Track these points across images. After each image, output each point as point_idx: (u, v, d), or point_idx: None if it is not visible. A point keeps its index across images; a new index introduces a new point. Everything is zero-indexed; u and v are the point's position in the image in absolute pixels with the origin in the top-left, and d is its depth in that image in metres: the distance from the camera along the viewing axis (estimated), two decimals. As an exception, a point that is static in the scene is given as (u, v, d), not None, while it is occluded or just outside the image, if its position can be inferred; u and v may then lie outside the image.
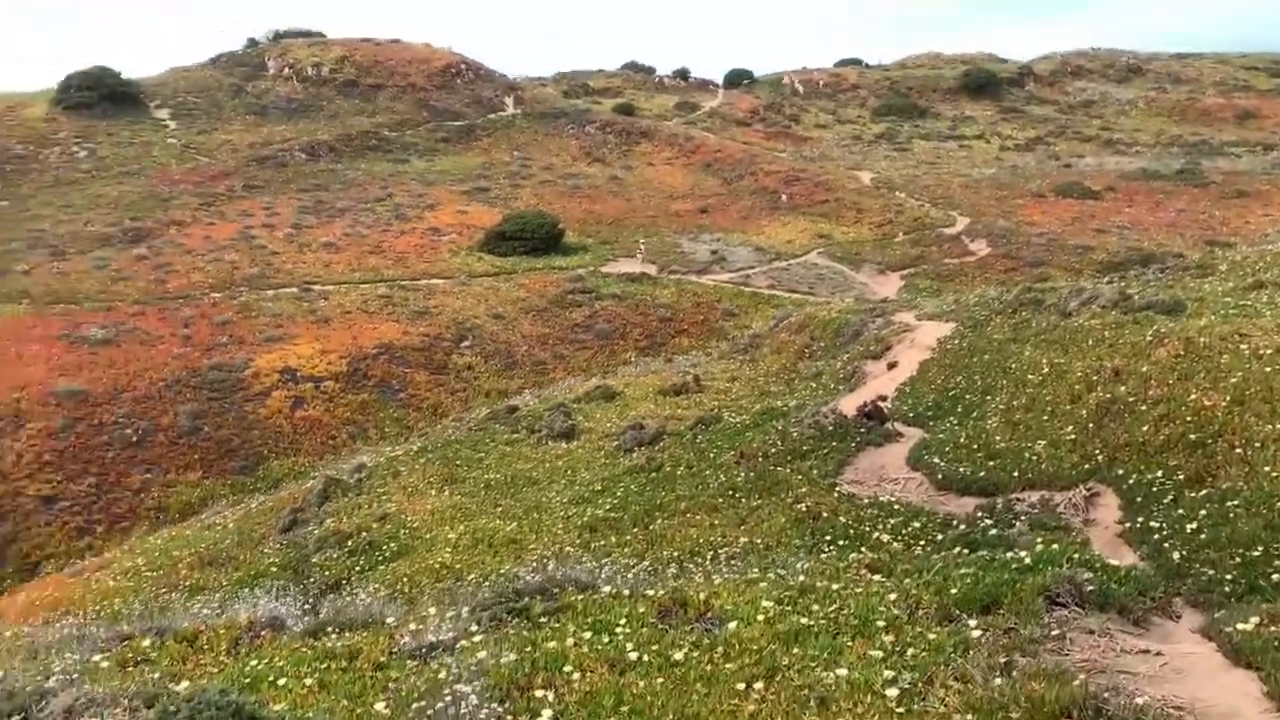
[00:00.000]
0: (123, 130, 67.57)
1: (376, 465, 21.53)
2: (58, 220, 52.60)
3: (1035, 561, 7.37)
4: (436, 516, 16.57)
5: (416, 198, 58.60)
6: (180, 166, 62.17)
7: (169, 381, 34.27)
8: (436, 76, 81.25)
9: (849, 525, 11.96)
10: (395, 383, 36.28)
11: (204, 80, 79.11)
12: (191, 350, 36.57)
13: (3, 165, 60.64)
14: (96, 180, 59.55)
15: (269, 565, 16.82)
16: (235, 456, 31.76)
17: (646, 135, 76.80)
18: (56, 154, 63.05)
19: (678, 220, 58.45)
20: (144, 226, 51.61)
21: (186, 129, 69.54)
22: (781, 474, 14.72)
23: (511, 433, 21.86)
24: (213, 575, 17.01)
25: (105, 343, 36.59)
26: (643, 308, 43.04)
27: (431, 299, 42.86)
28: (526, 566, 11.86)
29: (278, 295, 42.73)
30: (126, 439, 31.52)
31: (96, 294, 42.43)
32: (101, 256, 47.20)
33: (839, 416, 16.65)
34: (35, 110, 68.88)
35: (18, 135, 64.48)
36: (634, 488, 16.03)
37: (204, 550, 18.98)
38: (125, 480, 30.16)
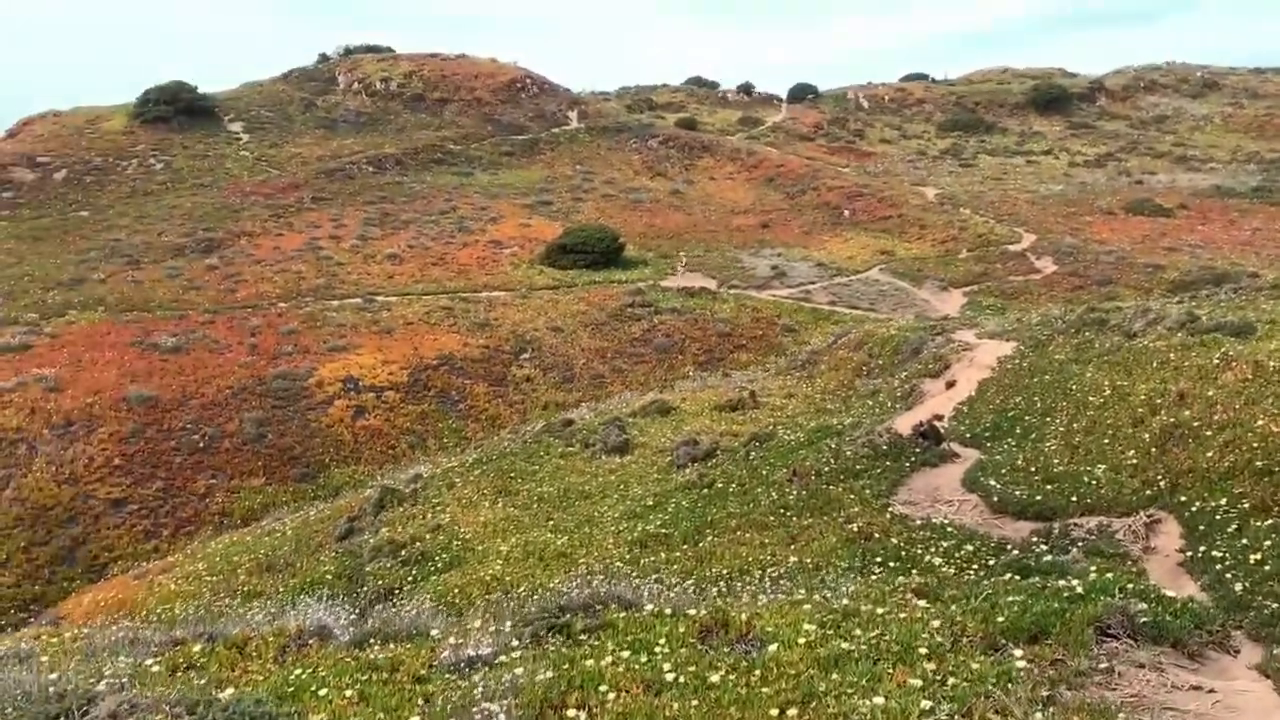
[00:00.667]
0: (197, 143, 69.43)
1: (432, 476, 21.76)
2: (133, 230, 54.19)
3: (1088, 590, 7.18)
4: (489, 528, 16.68)
5: (479, 210, 59.29)
6: (252, 179, 63.68)
7: (235, 389, 35.04)
8: (502, 91, 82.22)
9: (900, 547, 11.78)
10: (455, 394, 36.67)
11: (276, 95, 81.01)
12: (258, 359, 37.36)
13: (83, 177, 62.68)
14: (171, 192, 61.26)
15: (324, 573, 17.08)
16: (297, 464, 32.33)
17: (709, 150, 76.84)
18: (134, 166, 64.98)
19: (739, 235, 58.33)
20: (215, 237, 52.94)
21: (258, 142, 71.24)
22: (834, 493, 14.56)
23: (566, 446, 21.94)
24: (270, 581, 17.31)
25: (176, 350, 37.55)
26: (702, 322, 42.97)
27: (492, 311, 43.28)
28: (574, 581, 11.88)
29: (342, 305, 43.50)
30: (194, 444, 32.27)
31: (169, 302, 43.61)
32: (174, 266, 48.51)
33: (894, 435, 16.44)
34: (115, 124, 71.12)
35: (98, 148, 66.60)
36: (685, 504, 15.97)
37: (263, 556, 19.34)
38: (191, 485, 30.88)
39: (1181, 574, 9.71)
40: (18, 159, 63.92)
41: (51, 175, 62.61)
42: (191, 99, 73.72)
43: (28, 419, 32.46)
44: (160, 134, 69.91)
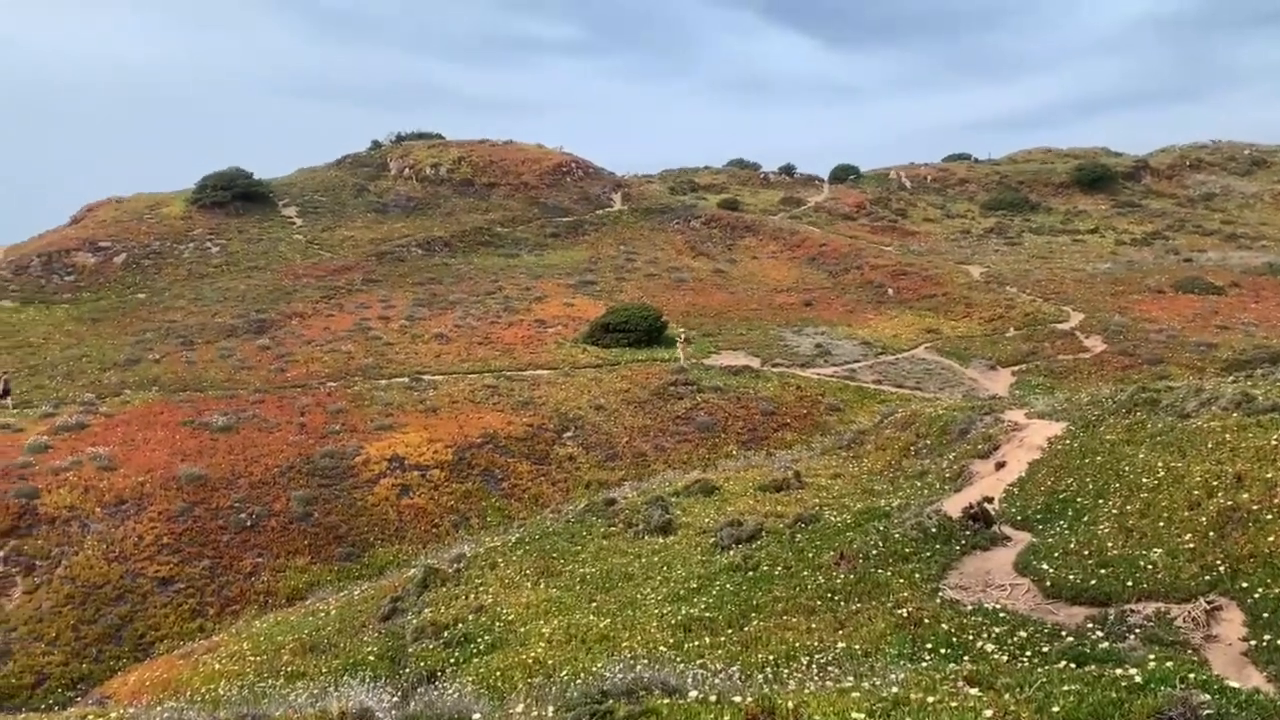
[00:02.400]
0: (252, 227, 71.43)
1: (475, 555, 21.70)
2: (189, 312, 55.57)
3: (1147, 680, 6.97)
4: (531, 610, 16.55)
5: (524, 291, 60.09)
6: (304, 261, 65.23)
7: (284, 468, 35.40)
8: (548, 175, 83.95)
9: (951, 633, 11.51)
10: (498, 472, 36.74)
11: (329, 180, 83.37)
12: (306, 437, 37.79)
13: (142, 260, 64.62)
14: (226, 274, 62.89)
15: (367, 654, 17.00)
16: (342, 543, 32.44)
17: (751, 229, 77.53)
18: (191, 249, 66.91)
19: (782, 313, 58.46)
20: (268, 318, 54.10)
21: (312, 226, 73.12)
22: (882, 577, 14.31)
23: (609, 526, 21.82)
24: (313, 662, 17.25)
25: (226, 429, 38.12)
26: (745, 401, 42.87)
27: (536, 389, 43.54)
28: (617, 666, 11.72)
29: (390, 385, 44.03)
30: (241, 523, 32.54)
31: (221, 382, 44.45)
32: (227, 346, 49.55)
33: (944, 518, 16.18)
34: (173, 209, 73.48)
35: (156, 232, 68.76)
36: (730, 587, 15.77)
37: (306, 636, 19.31)
38: (238, 564, 31.05)
39: (1246, 663, 9.38)
40: (80, 244, 66.14)
41: (112, 259, 64.63)
42: (247, 184, 76.06)
43: (81, 497, 32.99)
44: (217, 218, 72.06)
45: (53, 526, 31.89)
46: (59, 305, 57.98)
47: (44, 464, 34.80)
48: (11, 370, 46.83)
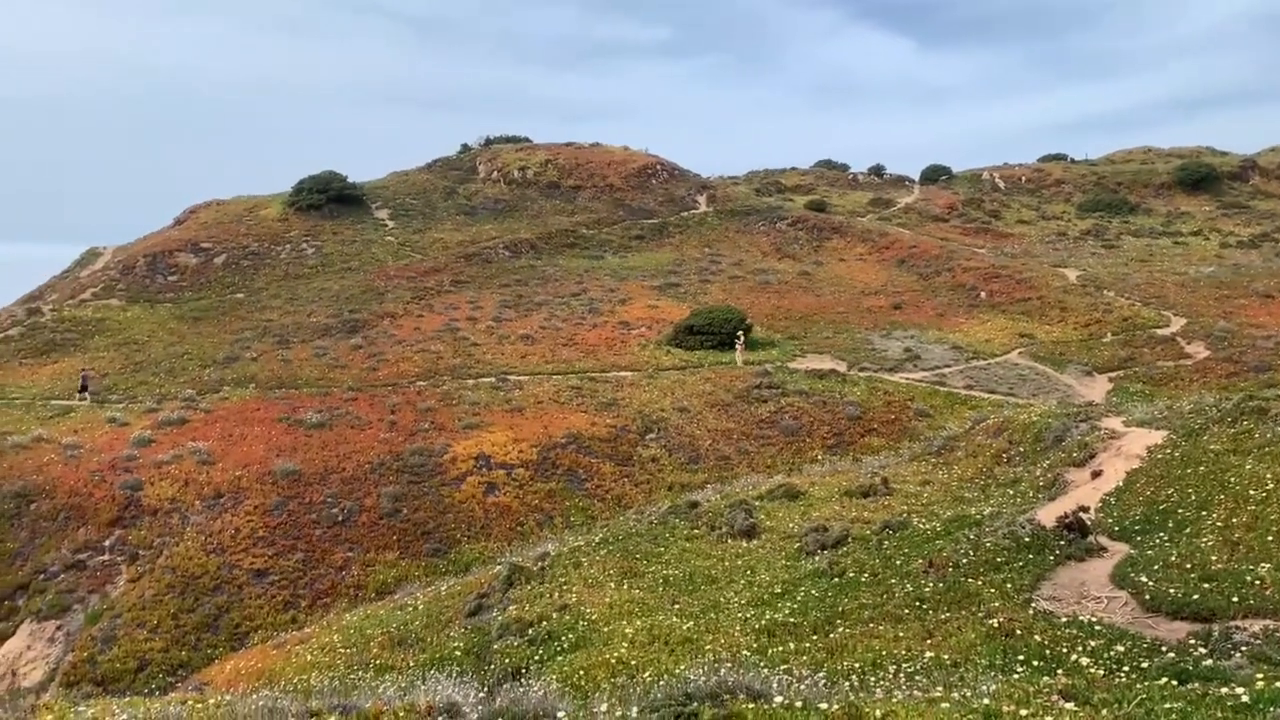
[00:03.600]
0: (346, 229, 73.17)
1: (559, 554, 21.86)
2: (285, 311, 57.19)
3: (1255, 700, 6.68)
4: (615, 610, 16.59)
5: (609, 292, 60.38)
6: (396, 263, 66.59)
7: (374, 464, 36.17)
8: (633, 177, 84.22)
9: (1044, 645, 11.19)
10: (582, 472, 36.98)
11: (421, 183, 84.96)
12: (396, 435, 38.56)
13: (241, 261, 66.71)
14: (321, 275, 64.55)
15: (453, 649, 17.25)
16: (430, 539, 33.00)
17: (838, 231, 76.65)
18: (287, 251, 68.84)
19: (869, 316, 57.65)
20: (360, 318, 55.36)
21: (403, 228, 74.60)
22: (972, 586, 14.00)
23: (692, 528, 21.77)
24: (401, 656, 17.57)
25: (319, 426, 39.12)
26: (830, 405, 42.38)
27: (619, 391, 43.70)
28: (700, 668, 11.68)
29: (477, 384, 44.67)
30: (333, 518, 33.35)
31: (315, 380, 45.64)
32: (321, 345, 50.86)
33: (1037, 527, 15.76)
34: (271, 211, 75.69)
35: (255, 234, 70.91)
36: (815, 593, 15.59)
37: (395, 630, 19.69)
38: (329, 557, 31.82)
39: (1363, 687, 8.91)
40: (183, 245, 68.58)
41: (212, 260, 66.87)
42: (342, 188, 77.93)
43: (181, 490, 34.22)
44: (312, 221, 73.99)
45: (155, 518, 33.14)
46: (162, 304, 60.21)
47: (147, 457, 36.19)
48: (109, 368, 48.81)
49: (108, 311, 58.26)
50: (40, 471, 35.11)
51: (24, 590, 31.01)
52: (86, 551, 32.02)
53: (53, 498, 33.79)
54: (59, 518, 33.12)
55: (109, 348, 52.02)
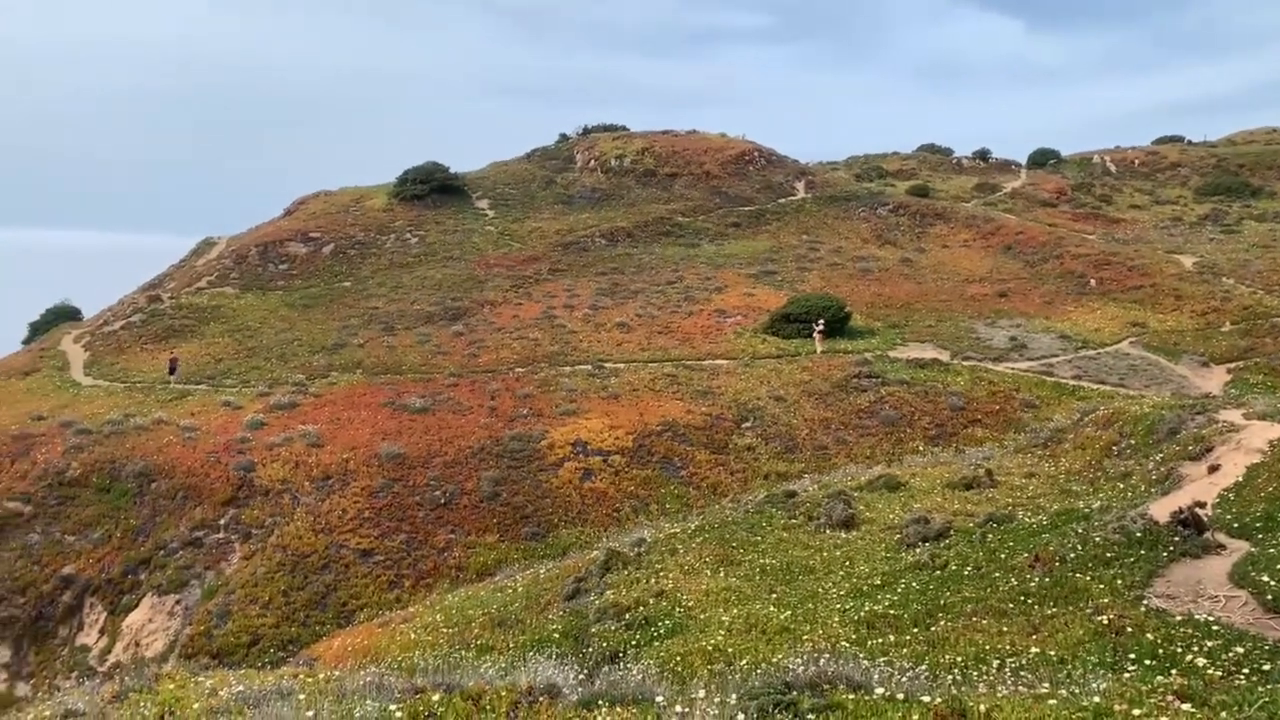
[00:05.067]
0: (448, 219, 74.54)
1: (656, 541, 21.96)
2: (390, 299, 58.61)
3: (1389, 709, 6.33)
4: (711, 598, 16.61)
5: (705, 280, 60.24)
6: (495, 252, 67.61)
7: (475, 449, 36.88)
8: (730, 164, 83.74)
9: (1157, 644, 10.81)
10: (677, 460, 37.05)
11: (519, 173, 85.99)
12: (495, 421, 39.23)
13: (348, 250, 68.56)
14: (423, 264, 65.94)
15: (552, 631, 17.50)
16: (528, 522, 33.52)
17: (941, 217, 74.97)
18: (392, 240, 70.48)
19: (973, 305, 56.31)
20: (461, 306, 56.41)
21: (502, 217, 75.66)
22: (1080, 581, 13.59)
23: (789, 518, 21.63)
24: (501, 636, 17.91)
25: (423, 411, 40.04)
26: (932, 395, 41.57)
27: (715, 379, 43.61)
28: (799, 658, 11.61)
29: (574, 372, 45.12)
30: (435, 500, 34.13)
31: (418, 366, 46.71)
32: (424, 332, 52.01)
33: (1149, 522, 15.20)
34: (376, 202, 77.56)
35: (361, 224, 72.77)
36: (915, 585, 15.35)
37: (495, 611, 20.07)
38: (432, 539, 32.60)
39: None
40: (293, 235, 70.79)
41: (321, 249, 68.88)
42: (444, 178, 79.37)
43: (292, 471, 35.43)
44: (416, 211, 75.57)
45: (267, 498, 34.41)
46: (273, 292, 62.30)
47: (260, 440, 37.57)
48: (223, 353, 50.73)
49: (222, 299, 60.55)
50: (160, 452, 36.76)
51: (146, 565, 32.57)
52: (203, 529, 33.45)
53: (172, 477, 35.36)
54: (177, 497, 34.65)
55: (223, 334, 54.09)
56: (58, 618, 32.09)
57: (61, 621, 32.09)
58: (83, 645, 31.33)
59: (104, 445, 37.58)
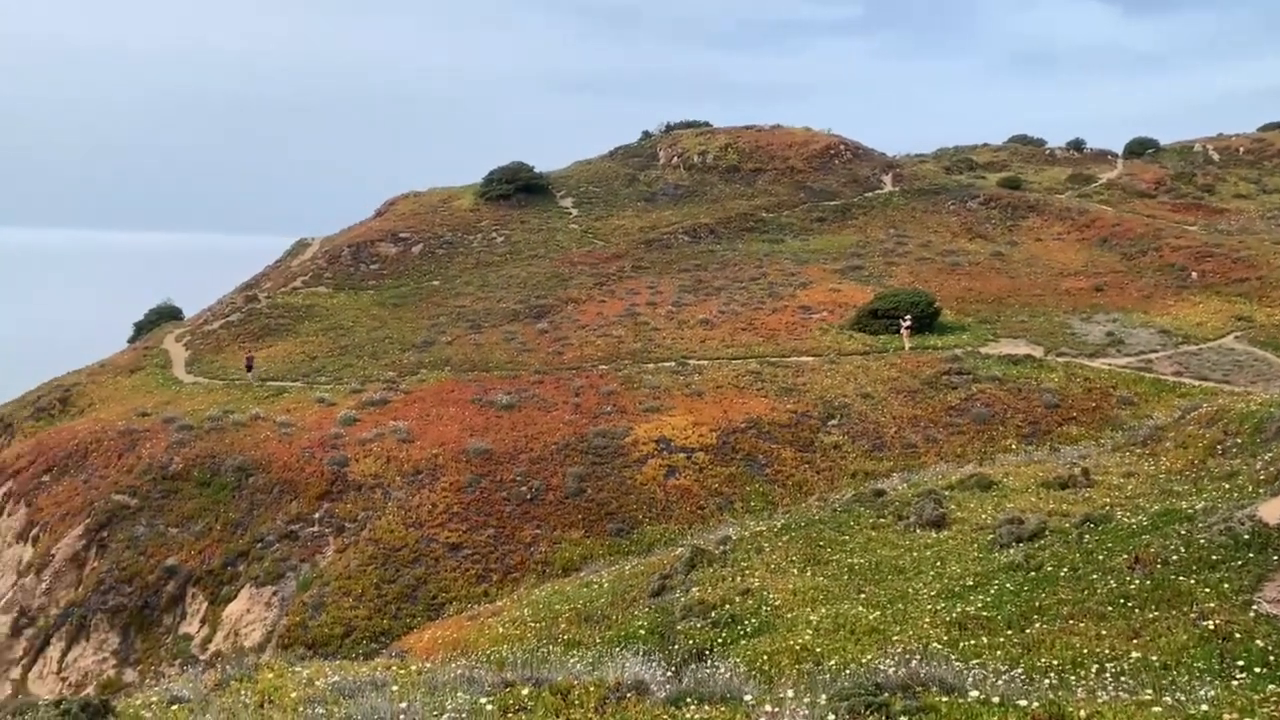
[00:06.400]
0: (533, 218, 75.32)
1: (741, 538, 21.86)
2: (476, 298, 59.46)
3: None
4: (798, 596, 16.47)
5: (789, 276, 59.73)
6: (579, 249, 68.07)
7: (560, 445, 37.19)
8: (815, 159, 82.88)
9: (1268, 651, 10.37)
10: (762, 457, 36.82)
11: (602, 171, 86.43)
12: (580, 417, 39.50)
13: (436, 250, 69.76)
14: (509, 263, 66.73)
15: (638, 628, 17.55)
16: (613, 519, 33.67)
17: (1034, 209, 73.08)
18: (478, 240, 71.51)
19: (1068, 299, 54.76)
20: (546, 304, 56.93)
21: (586, 215, 76.14)
22: (1184, 585, 13.11)
23: (877, 517, 21.32)
24: (587, 632, 18.02)
25: (509, 407, 40.53)
26: (1026, 392, 40.54)
27: (800, 376, 43.22)
28: (889, 659, 11.44)
29: (657, 369, 45.17)
30: (521, 496, 34.52)
31: (504, 363, 47.29)
32: (510, 330, 52.63)
33: (1258, 524, 14.58)
34: (463, 202, 78.77)
35: (449, 224, 73.99)
36: (1009, 586, 14.99)
37: (581, 607, 20.21)
38: (519, 534, 32.98)
39: None
40: (383, 235, 72.32)
41: (410, 249, 70.23)
42: (529, 178, 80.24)
43: (383, 466, 36.20)
44: (501, 210, 76.54)
45: (359, 492, 35.21)
46: (365, 291, 63.72)
47: (352, 435, 38.46)
48: (317, 351, 52.04)
49: (316, 298, 62.16)
50: (258, 447, 37.90)
51: (244, 557, 33.61)
52: (298, 523, 34.38)
53: (268, 472, 36.41)
54: (274, 491, 35.67)
55: (317, 332, 55.51)
56: (162, 607, 33.33)
57: (165, 610, 33.31)
58: (185, 634, 32.48)
59: (204, 441, 38.89)
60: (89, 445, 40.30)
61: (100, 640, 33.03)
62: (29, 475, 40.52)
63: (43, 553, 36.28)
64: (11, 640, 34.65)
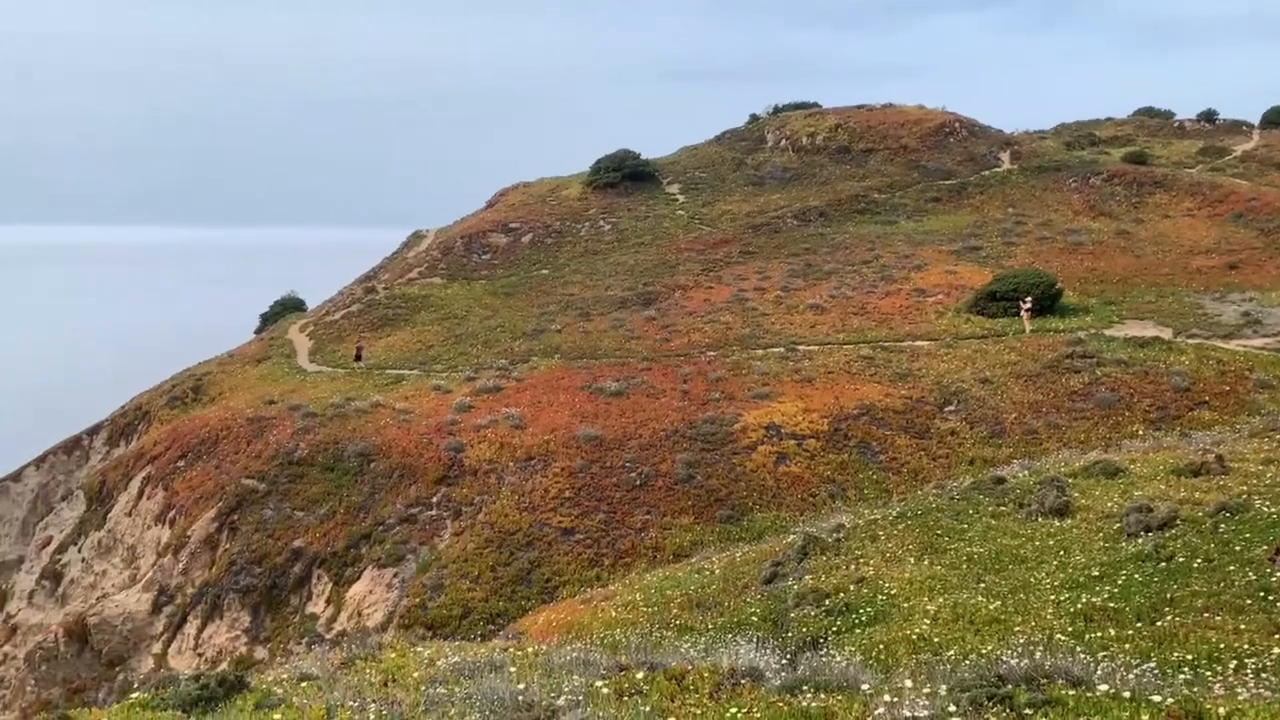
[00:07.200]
0: (640, 205, 75.52)
1: (855, 526, 21.54)
2: (585, 286, 60.00)
3: None
4: (915, 586, 16.15)
5: (903, 259, 58.50)
6: (686, 236, 67.98)
7: (668, 431, 37.28)
8: (929, 137, 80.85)
9: None
10: (875, 444, 36.22)
11: (709, 156, 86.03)
12: (688, 404, 39.51)
13: (545, 239, 70.62)
14: (616, 250, 67.09)
15: (750, 615, 17.48)
16: (722, 505, 33.62)
17: (1161, 185, 69.84)
18: (586, 228, 72.09)
19: (1199, 278, 52.23)
20: (653, 291, 57.06)
21: (693, 201, 75.96)
22: (1332, 579, 12.39)
23: (997, 505, 20.73)
24: (699, 617, 18.03)
25: (618, 394, 40.81)
26: (1154, 376, 38.85)
27: (915, 361, 42.33)
28: (1011, 650, 11.12)
29: (766, 354, 44.83)
30: (631, 482, 34.74)
31: (613, 350, 47.62)
32: (618, 317, 52.95)
33: None
34: (571, 191, 79.47)
35: (558, 213, 74.78)
36: (1138, 577, 14.40)
37: (692, 592, 20.23)
38: (629, 519, 33.22)
39: None
40: (494, 226, 73.56)
41: (520, 239, 71.26)
42: (635, 165, 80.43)
43: (497, 452, 36.89)
44: (609, 198, 76.96)
45: (475, 477, 35.97)
46: (478, 281, 64.97)
47: (467, 422, 39.31)
48: (433, 340, 53.27)
49: (431, 289, 63.67)
50: (378, 434, 39.07)
51: (366, 539, 34.73)
52: (417, 507, 35.33)
53: (388, 457, 37.51)
54: (393, 475, 36.73)
55: (433, 321, 56.87)
56: (289, 587, 34.71)
57: (293, 591, 34.69)
58: (311, 613, 33.76)
59: (328, 427, 40.28)
60: (220, 432, 42.20)
61: (233, 618, 34.62)
62: (165, 460, 42.69)
63: (179, 534, 38.19)
64: (152, 617, 36.61)
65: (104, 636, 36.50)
